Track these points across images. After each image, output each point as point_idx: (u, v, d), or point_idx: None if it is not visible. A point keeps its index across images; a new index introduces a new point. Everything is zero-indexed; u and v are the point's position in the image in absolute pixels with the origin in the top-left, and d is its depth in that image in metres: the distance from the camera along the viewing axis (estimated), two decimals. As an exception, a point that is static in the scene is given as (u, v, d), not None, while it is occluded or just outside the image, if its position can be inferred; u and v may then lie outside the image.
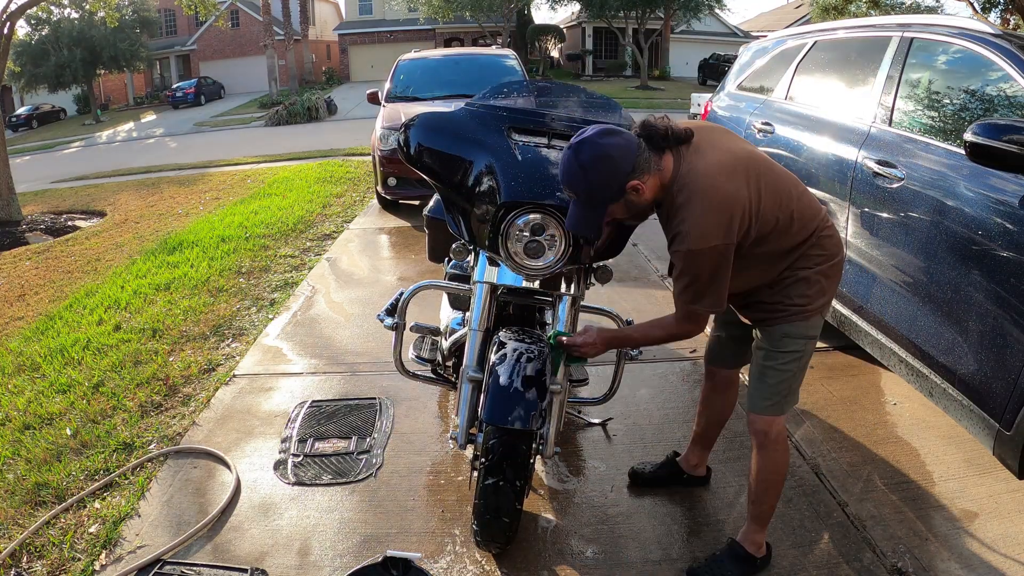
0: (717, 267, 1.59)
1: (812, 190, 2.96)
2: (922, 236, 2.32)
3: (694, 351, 3.24)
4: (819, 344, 3.27)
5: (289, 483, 2.36)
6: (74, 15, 29.02)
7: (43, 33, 28.86)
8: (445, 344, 2.35)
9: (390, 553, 1.80)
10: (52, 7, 27.19)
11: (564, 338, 1.86)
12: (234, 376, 3.18)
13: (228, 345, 3.57)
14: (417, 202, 6.27)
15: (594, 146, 1.57)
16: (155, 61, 35.35)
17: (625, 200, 1.62)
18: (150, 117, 28.03)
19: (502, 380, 1.77)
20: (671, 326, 1.76)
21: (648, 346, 1.89)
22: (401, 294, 2.26)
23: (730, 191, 1.57)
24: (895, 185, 2.46)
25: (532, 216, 1.81)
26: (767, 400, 1.79)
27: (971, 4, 16.48)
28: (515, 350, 1.85)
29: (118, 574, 1.95)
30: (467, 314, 2.23)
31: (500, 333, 1.97)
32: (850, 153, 2.74)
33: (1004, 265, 1.98)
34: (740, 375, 2.12)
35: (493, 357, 1.86)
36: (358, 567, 1.85)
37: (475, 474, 1.91)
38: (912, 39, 2.69)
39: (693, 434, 2.22)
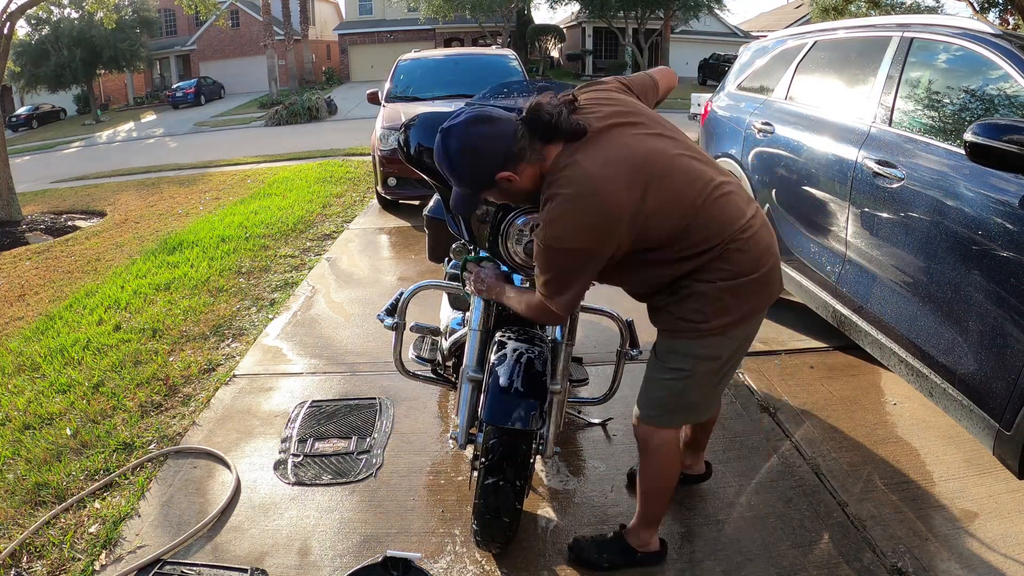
0: (570, 270, 1.51)
1: (812, 190, 2.99)
2: (922, 236, 2.32)
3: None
4: (819, 344, 3.29)
5: (289, 483, 2.36)
6: (74, 15, 29.04)
7: (43, 33, 28.88)
8: (445, 344, 2.35)
9: (390, 553, 1.80)
10: (52, 7, 27.23)
11: (471, 265, 1.90)
12: (234, 376, 3.18)
13: (228, 345, 3.57)
14: (417, 202, 6.27)
15: (461, 136, 1.51)
16: (155, 61, 35.37)
17: (498, 188, 1.55)
18: (150, 117, 28.04)
19: (502, 380, 1.77)
20: (534, 308, 1.65)
21: (516, 311, 1.77)
22: (401, 294, 2.26)
23: (604, 196, 1.45)
24: (895, 185, 2.46)
25: (532, 216, 1.81)
26: (647, 409, 1.72)
27: (971, 4, 16.48)
28: (515, 350, 1.85)
29: (118, 574, 1.95)
30: (467, 314, 2.23)
31: (500, 333, 1.97)
32: (850, 153, 2.74)
33: (1004, 265, 1.98)
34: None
35: (493, 357, 1.86)
36: (358, 567, 1.85)
37: (475, 474, 1.91)
38: (912, 39, 2.69)
39: (682, 442, 2.09)
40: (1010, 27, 15.83)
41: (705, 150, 4.34)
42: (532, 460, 1.89)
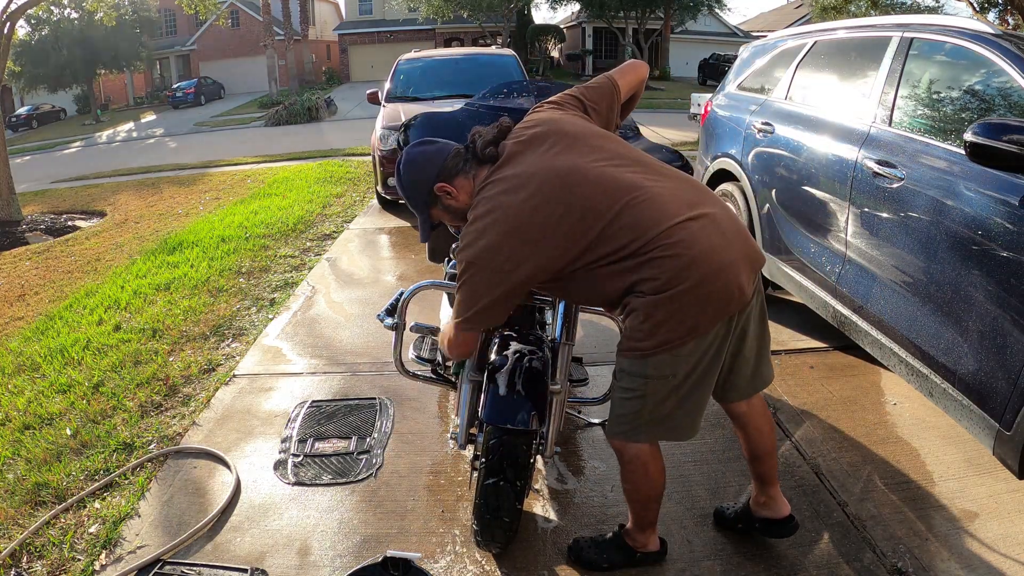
0: (478, 289, 1.55)
1: (812, 190, 2.99)
2: (922, 236, 2.32)
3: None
4: (819, 344, 3.29)
5: (289, 483, 2.36)
6: (74, 15, 29.04)
7: (43, 33, 28.88)
8: (445, 344, 2.35)
9: (390, 553, 1.80)
10: (52, 7, 27.22)
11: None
12: (234, 376, 3.18)
13: (228, 345, 3.57)
14: (417, 202, 6.26)
15: (406, 155, 1.73)
16: (155, 61, 35.38)
17: (441, 204, 1.70)
18: (150, 117, 28.05)
19: (502, 380, 1.78)
20: (447, 336, 1.72)
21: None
22: (401, 294, 2.26)
23: (509, 216, 1.51)
24: (895, 185, 2.46)
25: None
26: (613, 424, 1.70)
27: (971, 4, 16.49)
28: (515, 350, 1.85)
29: (118, 574, 1.95)
30: (467, 314, 2.23)
31: (500, 333, 1.97)
32: (850, 153, 2.74)
33: (1004, 265, 1.98)
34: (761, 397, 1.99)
35: (493, 357, 1.86)
36: (358, 567, 1.84)
37: (475, 474, 1.91)
38: (912, 39, 2.69)
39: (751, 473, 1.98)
40: (1010, 27, 15.83)
41: (705, 150, 4.35)
42: (532, 460, 1.89)
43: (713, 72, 27.16)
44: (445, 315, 2.64)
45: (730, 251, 1.52)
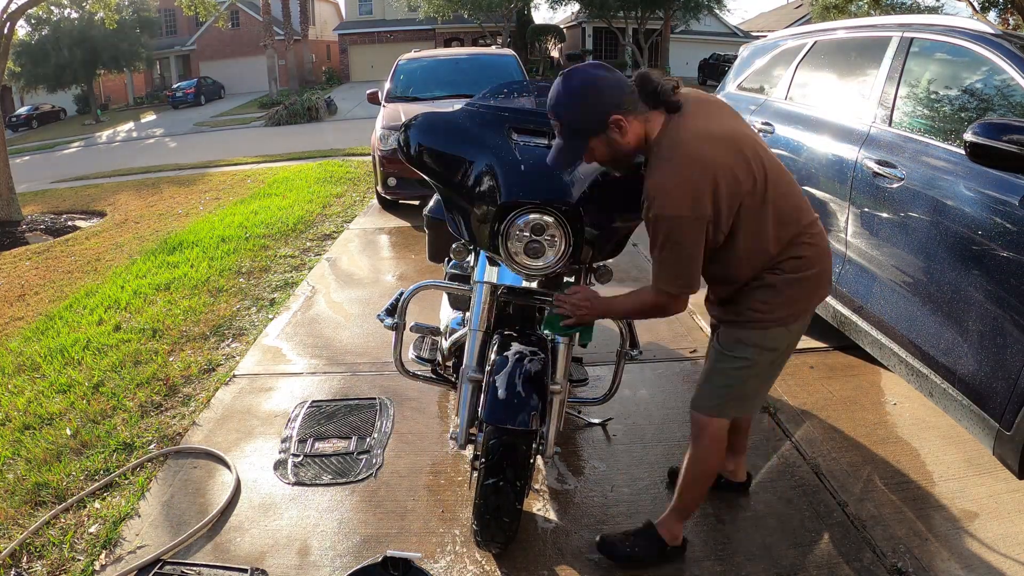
0: (683, 243, 1.55)
1: (812, 190, 2.99)
2: (922, 236, 2.32)
3: (694, 351, 3.23)
4: (819, 344, 3.28)
5: (289, 483, 2.36)
6: (74, 15, 29.03)
7: (43, 33, 28.88)
8: (445, 344, 2.35)
9: (390, 553, 1.80)
10: (52, 7, 27.21)
11: (560, 311, 1.84)
12: (234, 376, 3.18)
13: (228, 345, 3.57)
14: (417, 202, 6.27)
15: (584, 73, 1.59)
16: (155, 61, 35.36)
17: (607, 136, 1.59)
18: (150, 117, 28.05)
19: (502, 380, 1.77)
20: (646, 300, 1.71)
21: (627, 318, 1.87)
22: (401, 294, 2.26)
23: (705, 159, 1.53)
24: (895, 185, 2.46)
25: (532, 216, 1.81)
26: (708, 400, 1.79)
27: (971, 4, 16.48)
28: (515, 350, 1.85)
29: (118, 574, 1.95)
30: (467, 314, 2.23)
31: (500, 333, 1.97)
32: (850, 153, 2.74)
33: (1004, 265, 1.98)
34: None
35: (493, 357, 1.86)
36: (358, 567, 1.85)
37: (475, 474, 1.91)
38: (912, 39, 2.69)
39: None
40: (1010, 27, 15.83)
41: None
42: (532, 460, 1.89)
43: (713, 72, 27.14)
44: (445, 315, 2.64)
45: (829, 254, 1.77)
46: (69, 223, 8.30)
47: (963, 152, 2.08)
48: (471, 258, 2.15)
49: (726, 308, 1.78)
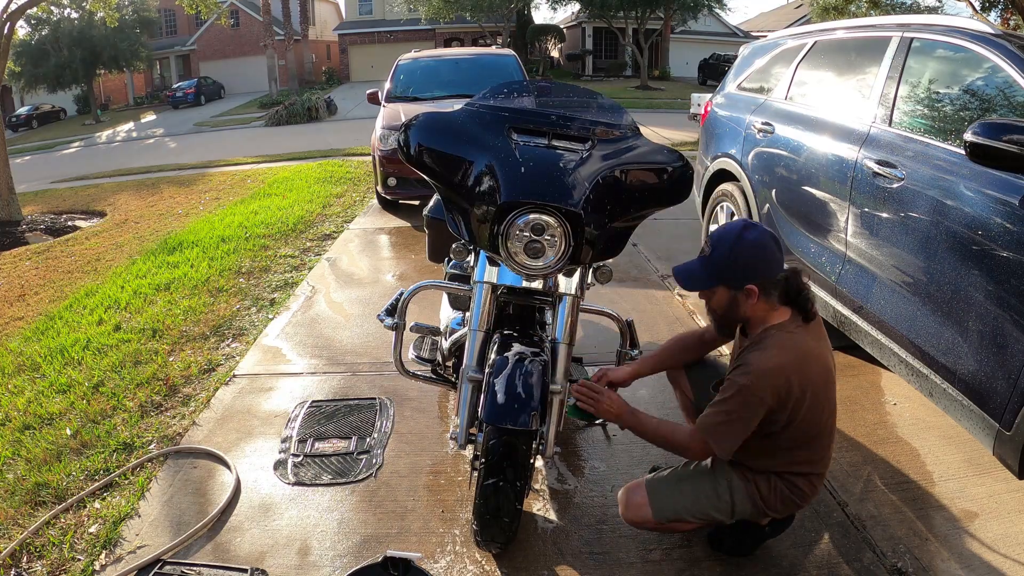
0: (747, 416, 1.65)
1: (812, 190, 2.99)
2: (922, 236, 2.32)
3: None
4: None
5: (289, 483, 2.36)
6: (74, 15, 29.03)
7: (43, 33, 28.87)
8: (445, 344, 2.35)
9: (390, 553, 1.80)
10: (52, 7, 27.21)
11: (582, 404, 1.92)
12: (234, 376, 3.18)
13: (228, 345, 3.57)
14: (417, 202, 6.27)
15: (763, 236, 1.71)
16: (155, 61, 35.37)
17: (734, 294, 1.72)
18: (150, 117, 28.04)
19: (502, 380, 1.77)
20: (683, 440, 1.78)
21: (649, 440, 1.88)
22: (401, 294, 2.26)
23: (807, 367, 1.67)
24: (895, 185, 2.46)
25: (532, 216, 1.81)
26: (658, 497, 1.83)
27: (971, 4, 16.47)
28: (515, 350, 1.85)
29: (118, 574, 1.95)
30: (467, 314, 2.23)
31: (500, 333, 1.96)
32: (850, 153, 2.74)
33: (1004, 265, 1.98)
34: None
35: (493, 357, 1.86)
36: (358, 567, 1.85)
37: (475, 474, 1.91)
38: (912, 39, 2.69)
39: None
40: (1010, 27, 15.82)
41: (705, 150, 4.35)
42: (532, 460, 1.89)
43: (713, 72, 27.16)
44: (445, 315, 2.64)
45: None
46: (69, 223, 8.30)
47: (963, 152, 2.08)
48: (471, 258, 2.15)
49: (739, 463, 1.83)
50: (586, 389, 1.90)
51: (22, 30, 26.37)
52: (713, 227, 4.09)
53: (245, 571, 1.93)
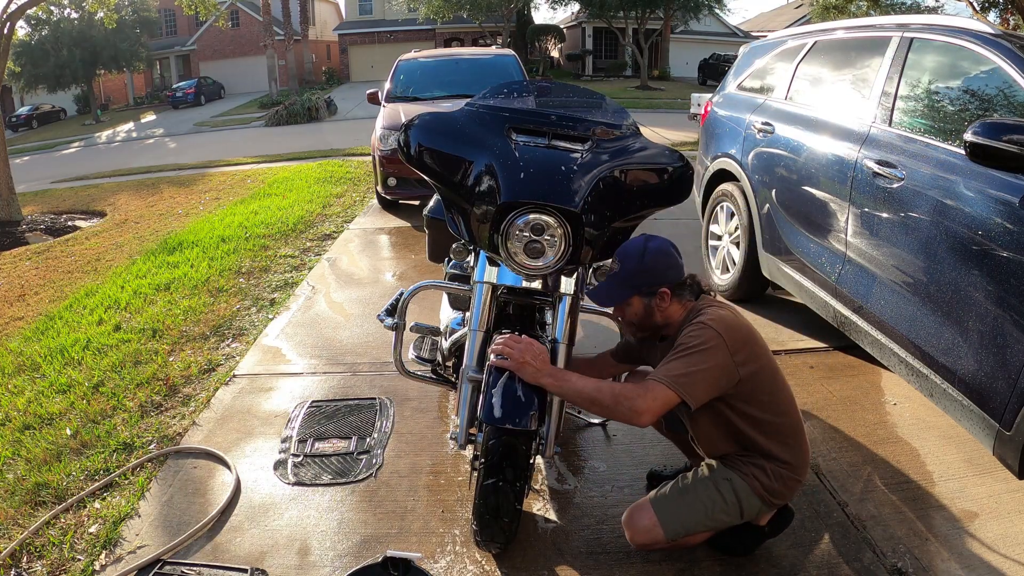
0: (709, 357, 1.67)
1: (812, 190, 2.99)
2: (922, 236, 2.32)
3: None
4: (819, 344, 3.30)
5: (289, 483, 2.36)
6: (74, 15, 29.03)
7: (43, 33, 28.87)
8: (445, 344, 2.35)
9: (390, 553, 1.80)
10: (52, 7, 27.22)
11: (495, 347, 1.79)
12: (234, 376, 3.18)
13: (228, 345, 3.57)
14: (417, 202, 6.27)
15: (664, 244, 1.87)
16: (155, 61, 35.39)
17: (648, 300, 1.84)
18: (150, 117, 28.04)
19: (502, 381, 1.77)
20: (627, 393, 1.67)
21: (587, 405, 1.76)
22: (401, 294, 2.26)
23: (750, 329, 1.79)
24: (895, 185, 2.46)
25: (532, 216, 1.81)
26: (666, 514, 1.82)
27: (971, 4, 16.48)
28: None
29: (118, 574, 1.95)
30: (467, 314, 2.23)
31: (500, 333, 1.96)
32: (850, 153, 2.74)
33: (1004, 265, 1.98)
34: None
35: (493, 358, 1.85)
36: (358, 567, 1.85)
37: (475, 474, 1.91)
38: (912, 39, 2.69)
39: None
40: (1010, 27, 15.82)
41: (705, 150, 4.35)
42: (532, 460, 1.89)
43: (713, 72, 27.15)
44: (445, 315, 2.63)
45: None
46: (69, 223, 8.30)
47: (963, 152, 2.08)
48: (471, 258, 2.15)
49: (726, 458, 1.85)
50: (505, 342, 1.77)
51: (22, 30, 26.37)
52: (713, 227, 4.09)
53: (245, 571, 1.93)
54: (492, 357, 1.80)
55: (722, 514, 1.80)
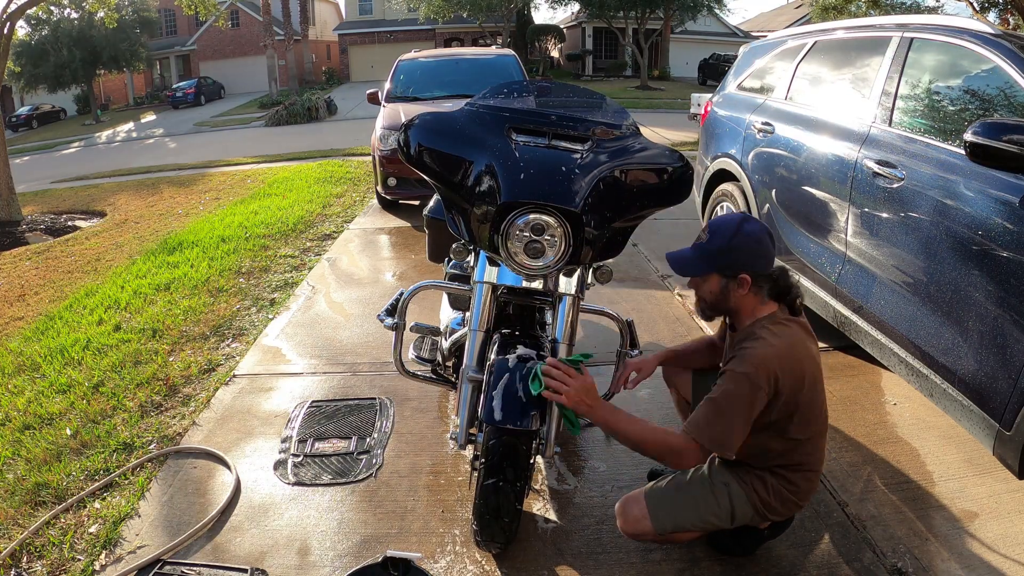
0: (741, 407, 1.62)
1: (812, 190, 2.99)
2: (922, 236, 2.32)
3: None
4: (819, 344, 3.28)
5: (289, 483, 2.36)
6: (74, 15, 29.03)
7: (43, 33, 28.86)
8: (445, 344, 2.35)
9: (390, 553, 1.80)
10: (52, 7, 27.21)
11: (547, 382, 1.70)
12: (234, 376, 3.18)
13: (228, 345, 3.57)
14: (417, 202, 6.27)
15: (761, 229, 1.75)
16: (155, 61, 35.36)
17: (726, 282, 1.73)
18: (150, 117, 28.04)
19: (502, 381, 1.77)
20: (672, 446, 1.67)
21: (633, 447, 1.73)
22: (401, 294, 2.26)
23: (801, 361, 1.68)
24: (895, 185, 2.46)
25: (532, 216, 1.81)
26: (658, 508, 1.79)
27: (971, 4, 16.47)
28: (515, 351, 1.85)
29: (118, 574, 1.95)
30: (467, 314, 2.23)
31: (500, 333, 1.96)
32: (850, 153, 2.74)
33: (1004, 265, 1.98)
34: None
35: (493, 357, 1.86)
36: (358, 567, 1.84)
37: (475, 474, 1.91)
38: (912, 39, 2.69)
39: None
40: (1010, 27, 15.82)
41: (705, 150, 4.35)
42: (532, 460, 1.89)
43: (713, 72, 27.16)
44: (445, 315, 2.63)
45: None
46: (69, 223, 8.30)
47: (963, 152, 2.08)
48: (471, 258, 2.15)
49: (729, 461, 1.82)
50: (556, 370, 1.70)
51: (22, 30, 26.36)
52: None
53: (245, 571, 1.93)
54: (539, 388, 1.70)
55: (712, 516, 1.78)
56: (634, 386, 2.11)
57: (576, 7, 31.96)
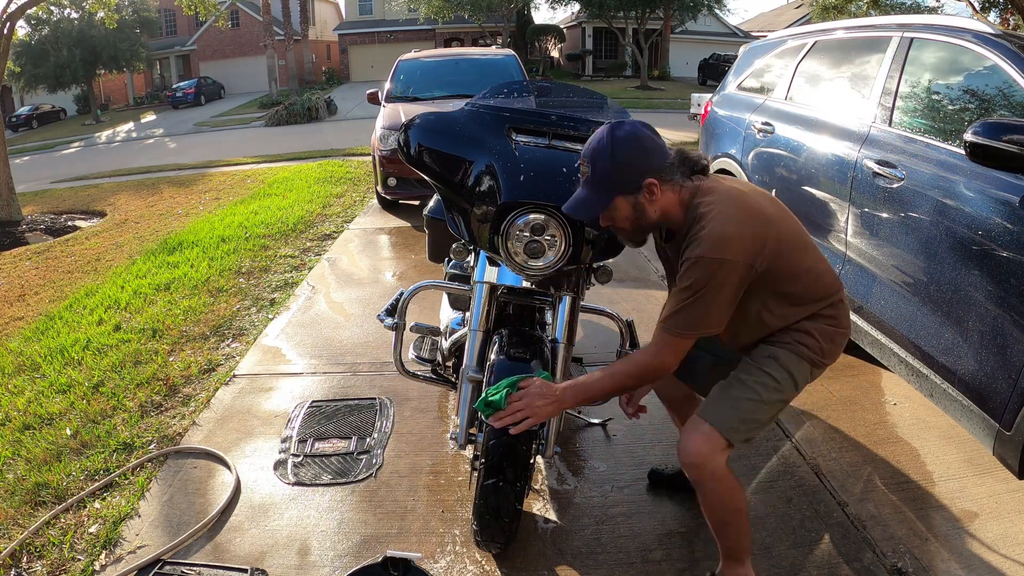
0: (723, 287, 1.48)
1: (812, 190, 2.99)
2: (922, 236, 2.32)
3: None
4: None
5: (289, 483, 2.36)
6: (74, 15, 29.04)
7: (43, 33, 28.88)
8: (445, 344, 2.35)
9: (390, 553, 1.80)
10: (52, 7, 27.22)
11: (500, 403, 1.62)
12: (234, 376, 3.18)
13: (228, 345, 3.57)
14: (417, 202, 6.27)
15: (634, 128, 1.54)
16: (155, 61, 35.40)
17: (635, 198, 1.55)
18: (150, 117, 28.05)
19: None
20: (644, 359, 1.59)
21: (617, 393, 1.68)
22: (401, 294, 2.26)
23: (760, 207, 1.54)
24: (895, 185, 2.46)
25: (532, 216, 1.81)
26: (721, 413, 1.62)
27: (971, 4, 16.47)
28: (515, 351, 1.85)
29: (118, 574, 1.95)
30: (467, 314, 2.23)
31: (500, 333, 1.96)
32: (850, 153, 2.74)
33: (1004, 265, 1.98)
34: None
35: (493, 357, 1.86)
36: (358, 567, 1.85)
37: (475, 474, 1.91)
38: (912, 39, 2.69)
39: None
40: (1010, 27, 15.82)
41: (705, 150, 4.35)
42: (532, 461, 1.89)
43: (713, 72, 27.16)
44: (445, 315, 2.63)
45: None
46: (69, 223, 8.30)
47: (963, 152, 2.08)
48: (471, 258, 2.15)
49: (755, 344, 1.70)
50: (509, 412, 1.61)
51: (22, 30, 26.36)
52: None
53: (245, 571, 1.93)
54: (496, 425, 1.63)
55: (775, 393, 1.62)
56: (638, 403, 2.03)
57: (576, 7, 31.97)
